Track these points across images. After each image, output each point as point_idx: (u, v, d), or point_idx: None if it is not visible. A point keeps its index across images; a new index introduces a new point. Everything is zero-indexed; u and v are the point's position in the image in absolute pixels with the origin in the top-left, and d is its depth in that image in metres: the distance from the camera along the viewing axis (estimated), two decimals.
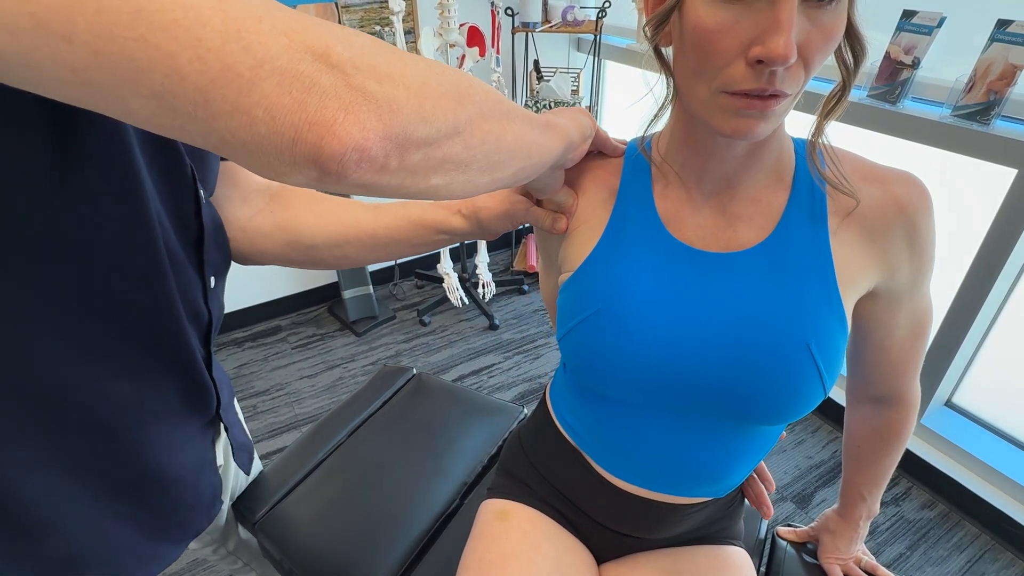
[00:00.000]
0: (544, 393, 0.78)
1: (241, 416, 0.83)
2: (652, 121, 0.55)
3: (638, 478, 0.63)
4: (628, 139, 0.62)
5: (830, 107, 0.48)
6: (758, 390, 0.51)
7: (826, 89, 0.48)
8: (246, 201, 0.64)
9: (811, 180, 0.53)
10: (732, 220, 0.54)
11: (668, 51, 0.49)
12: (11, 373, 0.44)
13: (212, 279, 0.58)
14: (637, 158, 0.58)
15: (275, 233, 0.64)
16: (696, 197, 0.54)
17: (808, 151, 0.52)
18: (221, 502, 0.70)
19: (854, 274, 0.52)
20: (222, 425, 0.68)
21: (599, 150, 0.60)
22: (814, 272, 0.51)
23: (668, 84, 0.50)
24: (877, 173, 0.52)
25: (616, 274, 0.55)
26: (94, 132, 0.41)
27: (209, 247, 0.56)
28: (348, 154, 0.29)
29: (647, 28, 0.47)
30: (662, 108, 0.53)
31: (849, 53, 0.45)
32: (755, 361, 0.51)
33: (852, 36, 0.44)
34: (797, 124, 0.53)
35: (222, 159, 0.60)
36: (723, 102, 0.43)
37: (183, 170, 0.50)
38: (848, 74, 0.46)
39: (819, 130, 0.50)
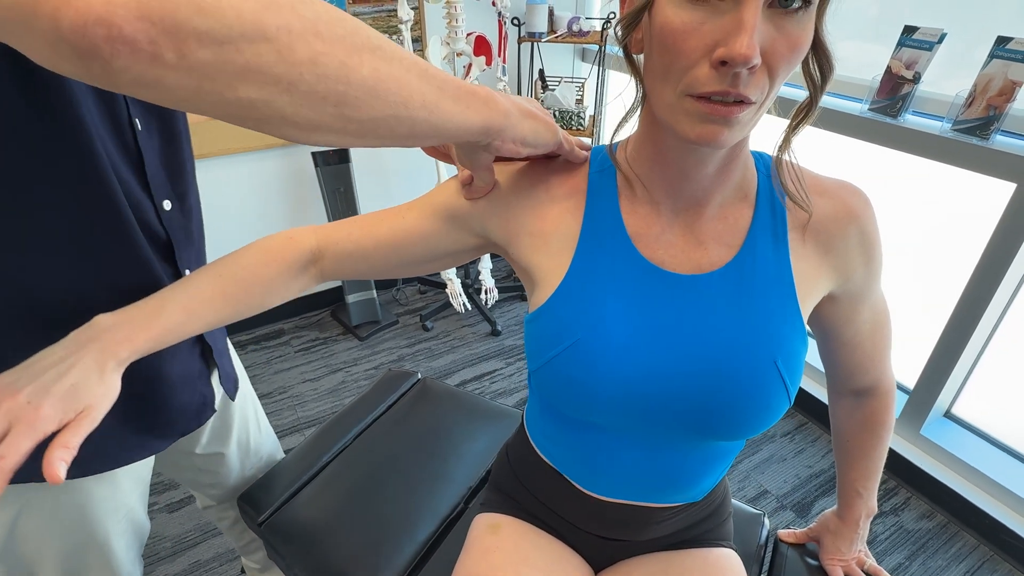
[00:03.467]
0: (522, 413, 0.79)
1: (233, 352, 0.88)
2: (619, 126, 0.54)
3: (616, 492, 0.65)
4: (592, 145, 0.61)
5: (797, 121, 0.49)
6: (731, 411, 0.53)
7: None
8: None
9: (772, 195, 0.54)
10: (701, 239, 0.54)
11: (640, 59, 0.49)
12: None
13: (166, 203, 0.62)
14: (602, 161, 0.57)
15: None
16: (664, 214, 0.54)
17: (775, 165, 0.53)
18: (213, 411, 0.76)
19: (810, 286, 0.55)
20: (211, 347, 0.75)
21: (566, 158, 0.58)
22: (777, 289, 0.53)
23: (637, 89, 0.50)
24: (826, 186, 0.54)
25: (592, 301, 0.54)
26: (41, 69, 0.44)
27: (152, 171, 0.59)
28: (91, 28, 0.26)
29: (617, 29, 0.47)
30: (630, 112, 0.52)
31: (816, 69, 0.45)
32: (729, 385, 0.52)
33: (819, 51, 0.44)
34: (772, 130, 0.54)
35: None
36: (688, 106, 0.43)
37: (116, 100, 0.55)
38: (815, 90, 0.46)
39: (786, 143, 0.51)
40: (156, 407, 0.68)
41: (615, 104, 2.52)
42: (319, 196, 2.16)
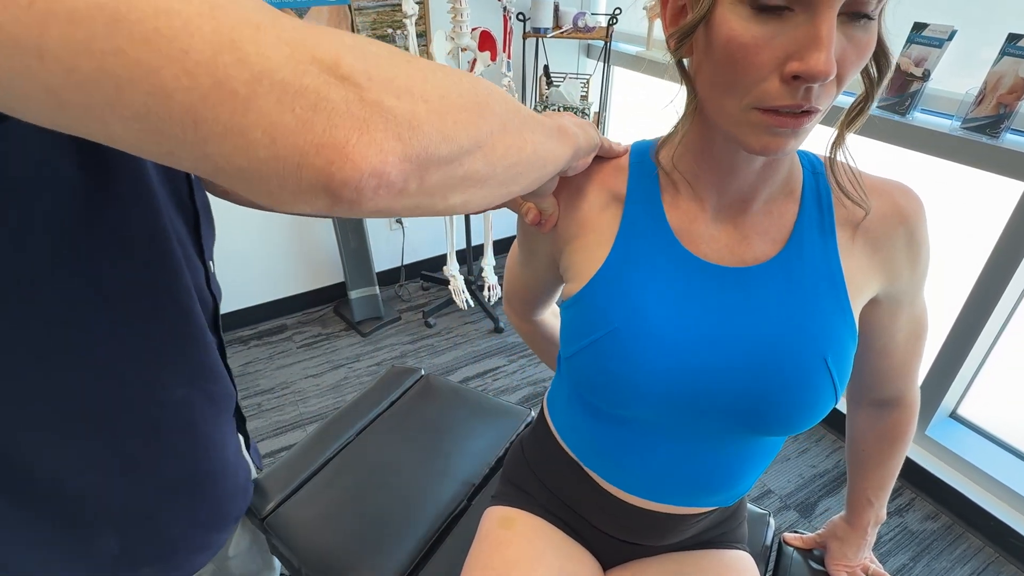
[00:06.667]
0: (542, 405, 0.78)
1: None
2: (670, 136, 0.53)
3: (646, 492, 0.64)
4: (629, 143, 0.60)
5: (851, 117, 0.47)
6: (777, 406, 0.51)
7: (843, 102, 0.47)
8: None
9: (818, 192, 0.53)
10: (746, 234, 0.53)
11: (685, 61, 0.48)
12: (60, 379, 0.45)
13: (211, 263, 0.58)
14: (643, 162, 0.56)
15: None
16: (708, 209, 0.53)
17: (829, 162, 0.52)
18: (252, 483, 0.73)
19: (861, 283, 0.53)
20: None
21: (604, 156, 0.58)
22: (827, 284, 0.52)
23: (688, 96, 0.49)
24: (877, 185, 0.53)
25: (631, 290, 0.53)
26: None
27: (204, 230, 0.55)
28: (364, 180, 0.25)
29: (670, 41, 0.46)
30: (682, 121, 0.50)
31: (873, 66, 0.45)
32: (776, 379, 0.51)
33: (879, 49, 0.43)
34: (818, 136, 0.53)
35: None
36: (754, 119, 0.42)
37: None
38: (871, 86, 0.45)
39: (840, 140, 0.49)
40: (219, 496, 0.63)
41: (623, 101, 2.51)
42: None
